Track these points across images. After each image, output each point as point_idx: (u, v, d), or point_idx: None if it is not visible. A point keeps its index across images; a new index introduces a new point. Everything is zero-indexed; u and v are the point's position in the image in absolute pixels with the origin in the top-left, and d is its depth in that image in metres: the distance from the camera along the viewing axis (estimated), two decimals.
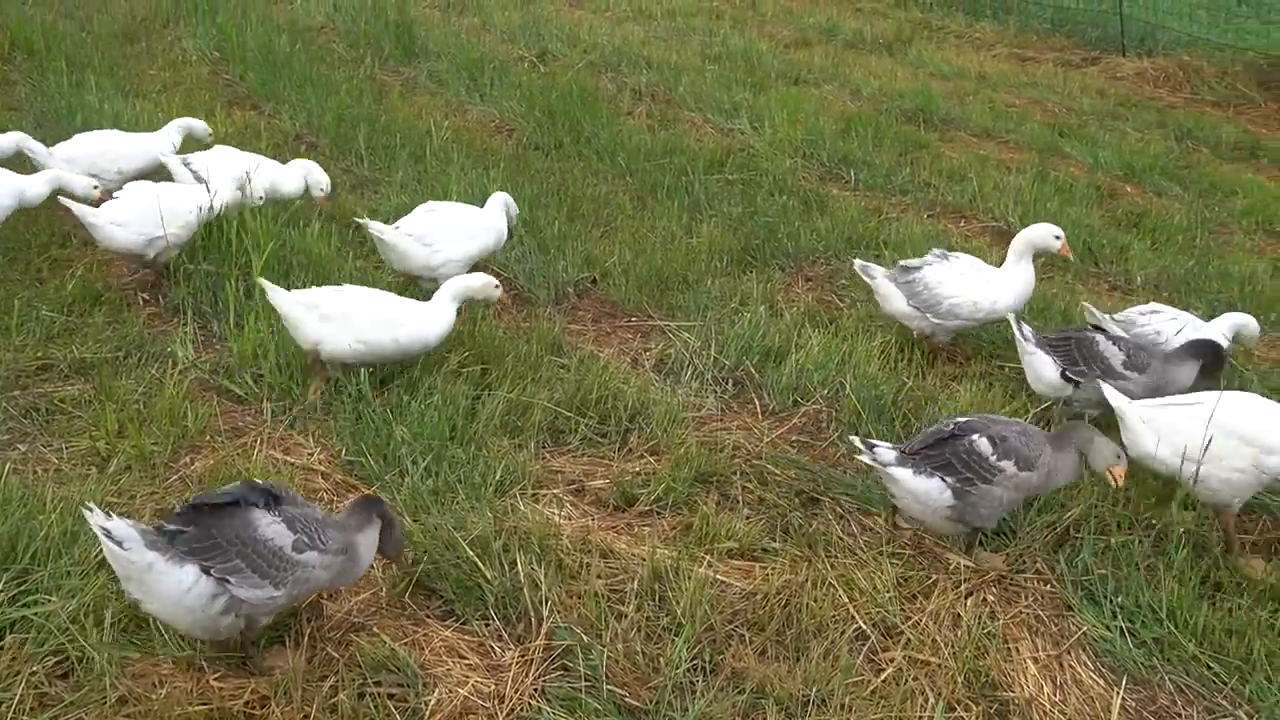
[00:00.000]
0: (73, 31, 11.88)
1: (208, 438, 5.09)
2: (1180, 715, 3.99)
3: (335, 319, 5.33)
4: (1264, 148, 11.22)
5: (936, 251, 6.23)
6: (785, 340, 6.13)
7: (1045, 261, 7.30)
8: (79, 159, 7.15)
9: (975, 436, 4.50)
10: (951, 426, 4.57)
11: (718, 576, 4.40)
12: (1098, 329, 5.57)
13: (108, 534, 3.50)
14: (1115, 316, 5.89)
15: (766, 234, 7.66)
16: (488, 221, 6.50)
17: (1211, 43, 14.26)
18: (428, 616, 4.14)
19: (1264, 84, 12.93)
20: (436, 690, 3.77)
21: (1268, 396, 4.92)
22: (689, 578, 4.27)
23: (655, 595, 4.26)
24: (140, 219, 6.13)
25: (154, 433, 5.02)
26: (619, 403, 5.46)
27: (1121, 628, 4.28)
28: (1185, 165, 10.32)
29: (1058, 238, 6.04)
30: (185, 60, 11.28)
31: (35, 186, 6.56)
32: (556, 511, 4.72)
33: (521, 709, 3.76)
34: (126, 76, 10.45)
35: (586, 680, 3.84)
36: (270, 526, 3.68)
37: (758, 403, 5.74)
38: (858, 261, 6.20)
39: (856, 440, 4.55)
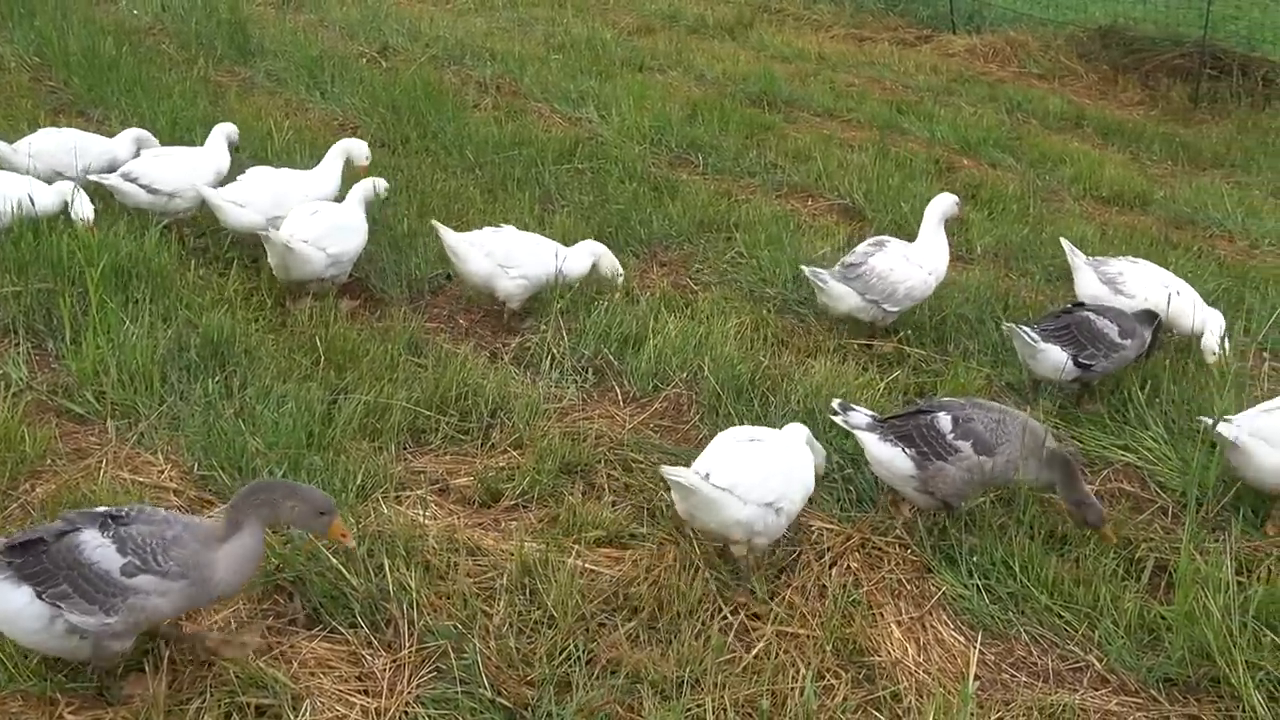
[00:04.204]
0: None
1: (49, 461, 4.85)
2: (1036, 664, 4.17)
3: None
4: (1087, 117, 11.76)
5: (871, 241, 6.41)
6: (642, 326, 6.17)
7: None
8: (43, 154, 7.13)
9: (940, 414, 4.64)
10: (926, 403, 4.77)
11: (587, 566, 4.41)
12: (1079, 305, 5.85)
13: None
14: (1094, 258, 6.38)
15: (619, 221, 7.70)
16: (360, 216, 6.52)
17: (1034, 18, 14.86)
18: (293, 628, 4.04)
19: (1084, 56, 13.54)
20: (308, 704, 3.69)
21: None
22: (559, 569, 4.27)
23: (526, 589, 4.25)
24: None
25: None
26: (479, 398, 5.42)
27: (978, 585, 4.45)
28: (1016, 137, 10.74)
29: (958, 204, 6.55)
30: (2, 67, 10.71)
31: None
32: (421, 512, 4.66)
33: (399, 716, 3.71)
34: None
35: (462, 682, 3.81)
36: (97, 550, 3.50)
37: (618, 390, 5.76)
38: (806, 268, 6.21)
39: (835, 403, 4.79)
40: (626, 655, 3.98)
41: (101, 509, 3.67)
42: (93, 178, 6.89)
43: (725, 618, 4.21)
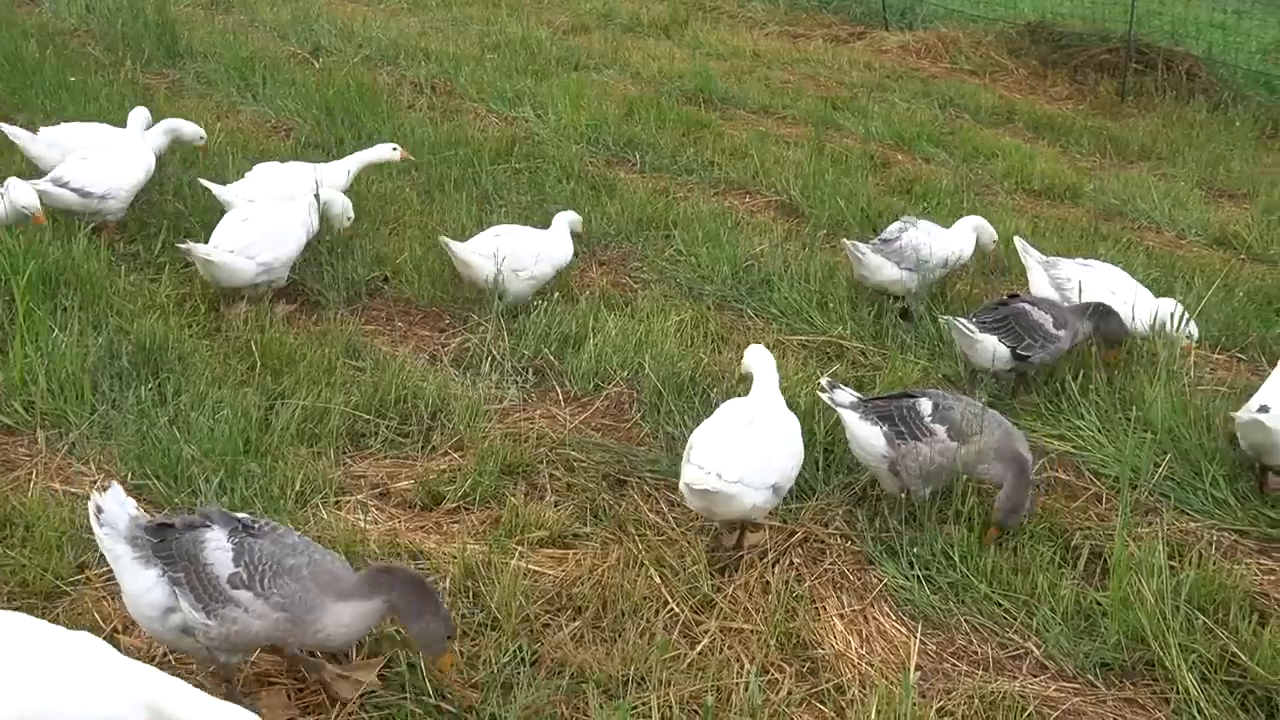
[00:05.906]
0: None
1: None
2: (976, 653, 4.23)
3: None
4: (1018, 112, 11.92)
5: (906, 218, 6.75)
6: (582, 326, 6.16)
7: (829, 234, 7.64)
8: (61, 145, 7.19)
9: (921, 398, 4.80)
10: (912, 389, 4.94)
11: (530, 567, 4.41)
12: (1014, 296, 5.97)
13: (98, 510, 3.51)
14: (1047, 259, 6.53)
15: None
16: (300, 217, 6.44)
17: (965, 15, 15.04)
18: None
19: (1014, 52, 13.73)
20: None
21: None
22: (502, 571, 4.26)
23: (469, 592, 4.23)
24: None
25: None
26: (419, 401, 5.38)
27: (919, 576, 4.50)
28: (949, 132, 10.87)
29: (994, 241, 7.08)
30: None
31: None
32: (361, 517, 4.62)
33: None
34: None
35: (405, 688, 3.77)
36: (215, 551, 3.51)
37: (559, 390, 5.75)
38: (846, 242, 6.50)
39: (824, 380, 4.99)
40: (571, 655, 3.97)
41: (241, 515, 3.67)
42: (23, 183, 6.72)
43: (670, 614, 4.22)
